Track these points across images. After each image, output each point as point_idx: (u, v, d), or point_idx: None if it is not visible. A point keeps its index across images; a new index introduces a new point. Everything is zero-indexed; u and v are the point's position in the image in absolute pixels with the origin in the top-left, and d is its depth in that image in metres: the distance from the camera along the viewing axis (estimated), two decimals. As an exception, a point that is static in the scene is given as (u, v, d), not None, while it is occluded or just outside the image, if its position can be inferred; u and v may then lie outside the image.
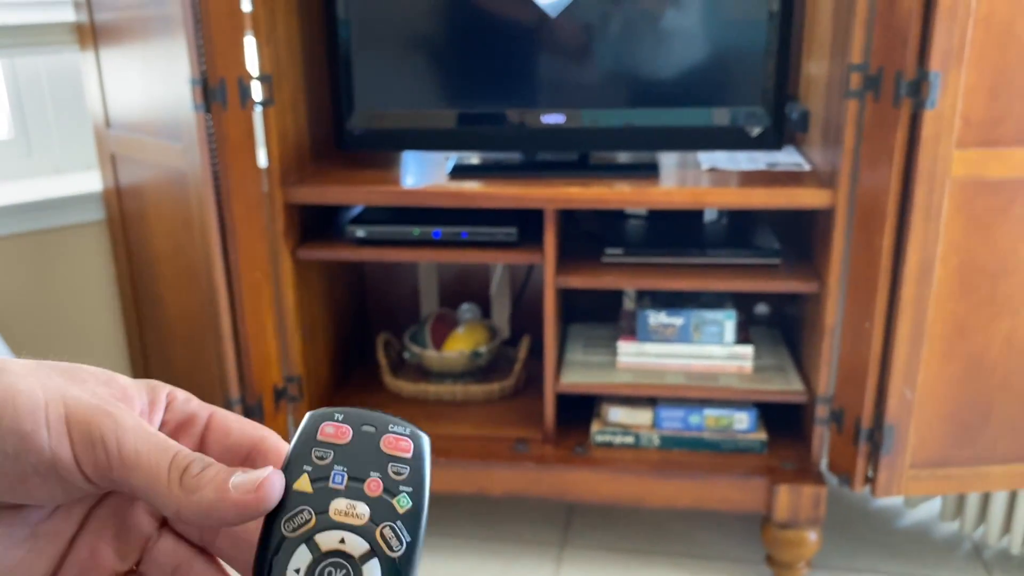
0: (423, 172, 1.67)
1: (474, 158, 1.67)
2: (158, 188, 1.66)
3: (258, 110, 1.47)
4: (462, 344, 1.79)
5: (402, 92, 1.59)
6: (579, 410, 1.70)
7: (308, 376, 1.68)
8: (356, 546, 0.32)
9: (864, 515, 1.84)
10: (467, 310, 1.89)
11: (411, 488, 0.32)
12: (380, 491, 0.32)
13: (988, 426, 1.45)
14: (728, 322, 1.62)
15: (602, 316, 1.83)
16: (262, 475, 0.32)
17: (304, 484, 0.32)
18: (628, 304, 1.76)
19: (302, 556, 0.31)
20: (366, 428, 0.33)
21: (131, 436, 0.32)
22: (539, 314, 1.60)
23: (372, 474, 0.32)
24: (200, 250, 1.57)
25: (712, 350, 1.63)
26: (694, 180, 1.56)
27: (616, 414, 1.66)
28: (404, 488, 0.32)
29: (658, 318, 1.63)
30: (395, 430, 0.33)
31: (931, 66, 1.26)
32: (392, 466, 0.33)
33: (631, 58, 1.54)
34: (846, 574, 1.67)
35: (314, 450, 0.33)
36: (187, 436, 0.35)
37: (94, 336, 1.86)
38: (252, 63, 1.45)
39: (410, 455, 0.33)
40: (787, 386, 1.60)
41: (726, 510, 1.60)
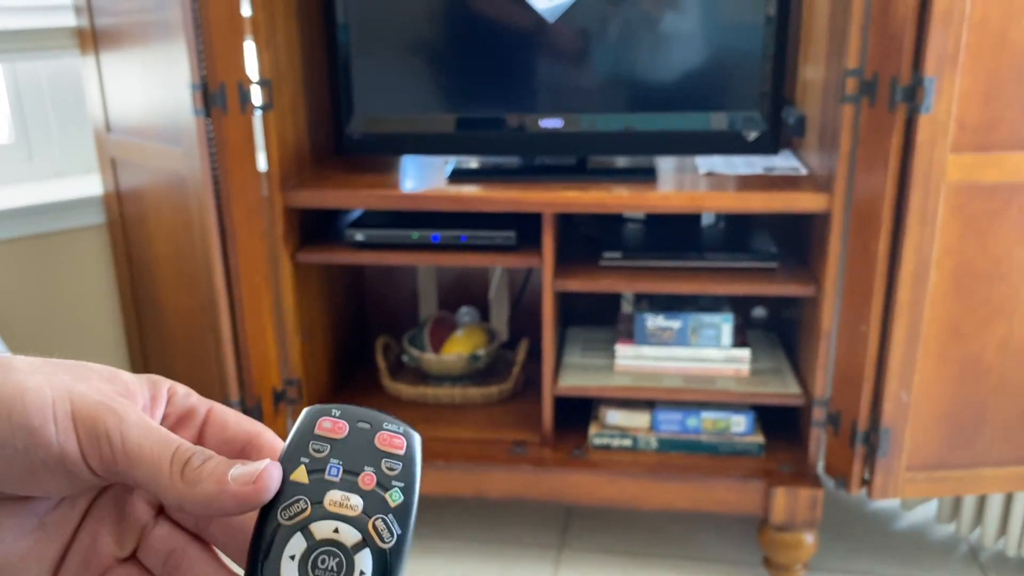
0: (422, 176, 1.67)
1: (473, 162, 1.68)
2: (158, 192, 1.67)
3: (258, 114, 1.48)
4: (461, 347, 1.80)
5: (401, 96, 1.60)
6: (577, 413, 1.71)
7: (307, 379, 1.69)
8: (349, 536, 0.33)
9: (861, 517, 1.85)
10: (466, 313, 1.90)
11: (403, 483, 0.34)
12: (373, 485, 0.33)
13: (983, 429, 1.46)
14: (725, 325, 1.63)
15: (600, 319, 1.84)
16: (260, 467, 0.33)
17: (301, 475, 0.33)
18: (626, 307, 1.77)
19: (297, 543, 0.32)
20: (361, 424, 0.35)
21: (134, 431, 0.33)
22: (537, 317, 1.61)
23: (366, 468, 0.34)
24: (200, 254, 1.58)
25: (709, 353, 1.64)
26: (691, 184, 1.57)
27: (614, 417, 1.67)
28: (396, 483, 0.34)
29: (656, 321, 1.64)
30: (389, 428, 0.35)
31: (926, 71, 1.27)
32: (385, 462, 0.34)
33: (629, 63, 1.55)
34: (843, 576, 1.68)
35: (311, 443, 0.34)
36: (186, 429, 0.37)
37: (95, 339, 1.86)
38: (252, 68, 1.46)
39: (403, 452, 0.34)
40: (784, 389, 1.61)
41: (723, 512, 1.61)
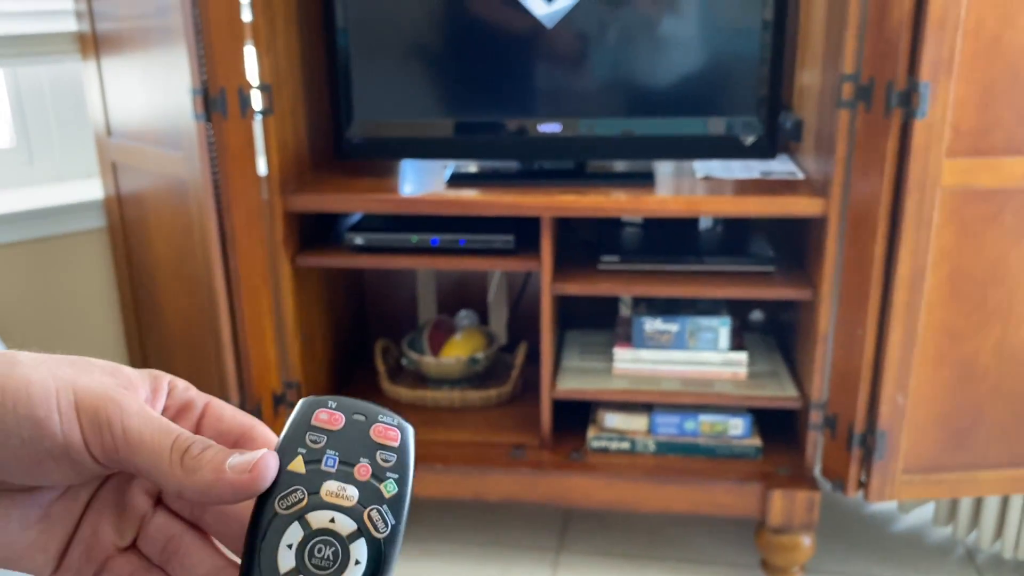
0: (421, 180, 1.68)
1: (472, 166, 1.69)
2: (159, 196, 1.68)
3: (258, 119, 1.49)
4: (460, 350, 1.81)
5: (401, 101, 1.61)
6: (575, 416, 1.72)
7: (307, 382, 1.70)
8: (345, 526, 0.33)
9: (858, 520, 1.85)
10: (465, 317, 1.90)
11: (397, 475, 0.35)
12: (369, 476, 0.34)
13: (979, 431, 1.47)
14: (723, 329, 1.64)
15: (598, 323, 1.85)
16: (256, 456, 0.33)
17: (298, 465, 0.34)
18: (624, 311, 1.78)
19: (294, 532, 0.33)
20: (357, 417, 0.35)
21: (135, 420, 0.34)
22: (536, 321, 1.62)
23: (362, 460, 0.34)
24: (200, 257, 1.58)
25: (707, 356, 1.65)
26: (689, 188, 1.58)
27: (612, 420, 1.67)
28: (391, 475, 0.34)
29: (654, 325, 1.65)
30: (384, 420, 0.35)
31: (921, 77, 1.28)
32: (380, 454, 0.35)
33: (627, 68, 1.56)
34: (840, 579, 1.68)
35: (308, 434, 0.35)
36: (184, 421, 0.38)
37: (95, 342, 1.87)
38: (252, 73, 1.47)
39: (397, 444, 0.35)
40: (781, 392, 1.62)
41: (721, 515, 1.62)
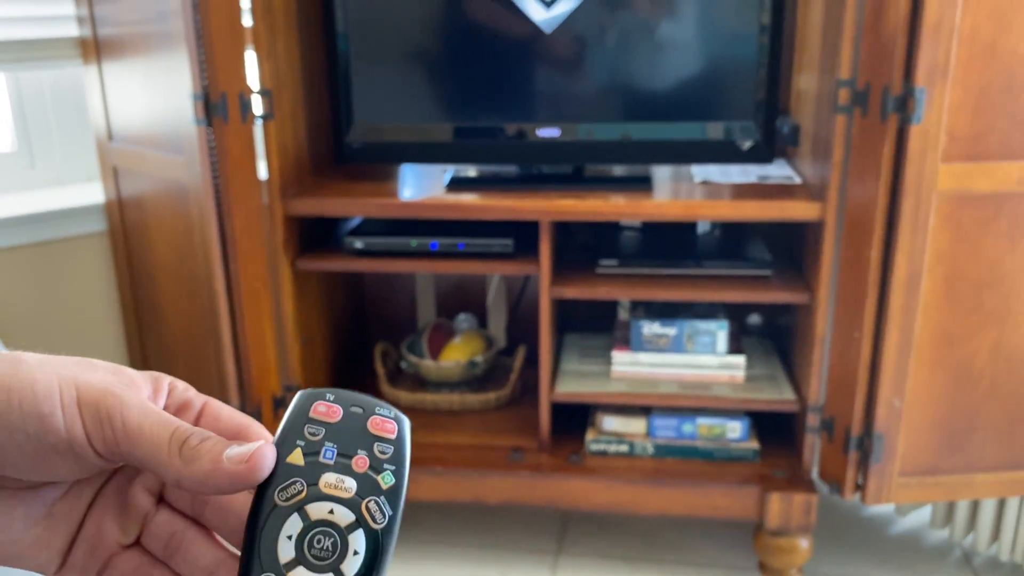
0: (421, 184, 1.69)
1: (471, 171, 1.70)
2: (159, 200, 1.69)
3: (258, 124, 1.50)
4: (459, 354, 1.82)
5: (400, 106, 1.62)
6: (574, 419, 1.73)
7: (307, 385, 1.70)
8: (343, 517, 0.34)
9: (856, 523, 1.86)
10: (464, 320, 1.91)
11: (394, 466, 0.35)
12: (366, 468, 0.35)
13: (976, 434, 1.48)
14: (720, 332, 1.65)
15: (597, 326, 1.86)
16: (253, 447, 0.34)
17: (297, 457, 0.35)
18: (622, 314, 1.79)
19: (294, 524, 0.34)
20: (355, 409, 0.36)
21: (134, 413, 0.35)
22: (535, 324, 1.63)
23: (359, 452, 0.35)
24: (201, 261, 1.59)
25: (705, 360, 1.66)
26: (687, 193, 1.59)
27: (610, 423, 1.68)
28: (388, 466, 0.35)
29: (652, 328, 1.66)
30: (381, 412, 0.36)
31: (917, 82, 1.29)
32: (378, 445, 0.35)
33: (625, 73, 1.57)
34: (838, 581, 1.69)
35: (307, 426, 0.35)
36: (183, 419, 0.38)
37: (96, 345, 1.88)
38: (253, 78, 1.48)
39: (394, 436, 0.36)
40: (779, 395, 1.62)
41: (719, 518, 1.62)
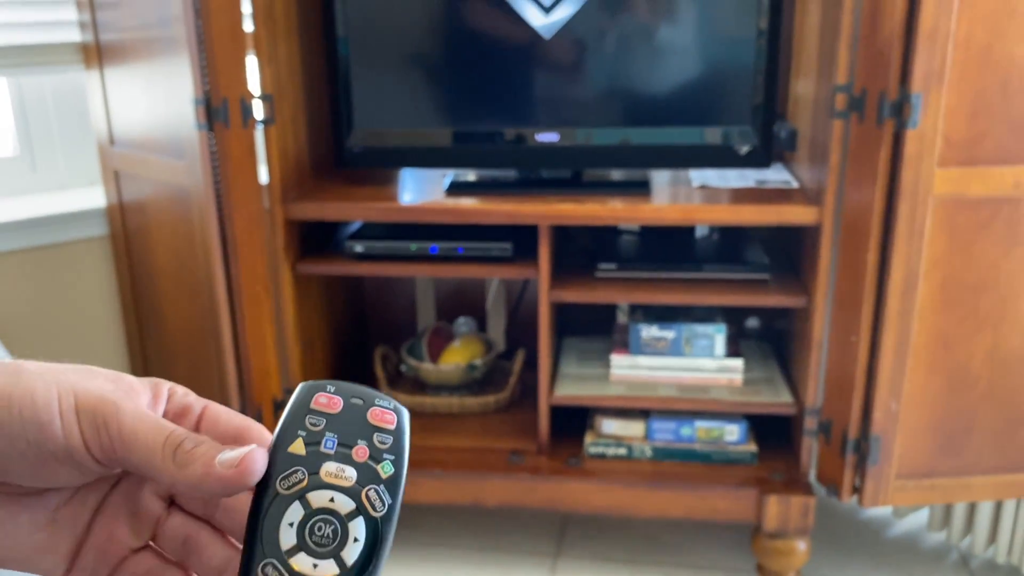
0: (420, 189, 1.70)
1: (470, 175, 1.71)
2: (161, 204, 1.70)
3: (259, 128, 1.51)
4: (458, 357, 1.82)
5: (400, 111, 1.63)
6: (573, 422, 1.73)
7: (307, 388, 1.71)
8: (344, 505, 0.35)
9: (854, 525, 1.87)
10: (463, 324, 1.92)
11: (393, 456, 0.36)
12: (366, 457, 0.36)
13: (972, 437, 1.49)
14: (719, 336, 1.66)
15: (596, 330, 1.87)
16: (244, 452, 0.35)
17: (298, 447, 0.36)
18: (621, 318, 1.79)
19: (295, 511, 0.35)
20: (355, 400, 0.37)
21: (130, 419, 0.36)
22: (534, 328, 1.63)
23: (359, 442, 0.36)
24: (201, 265, 1.60)
25: (703, 363, 1.67)
26: (685, 197, 1.60)
27: (609, 426, 1.69)
28: (387, 456, 0.36)
29: (650, 331, 1.67)
30: (380, 404, 0.37)
31: (913, 87, 1.30)
32: (377, 436, 0.36)
33: (624, 78, 1.58)
34: (835, 583, 1.70)
35: (308, 417, 0.36)
36: (183, 424, 0.39)
37: (97, 349, 1.89)
38: (254, 83, 1.49)
39: (393, 427, 0.37)
40: (776, 398, 1.63)
41: (717, 520, 1.63)
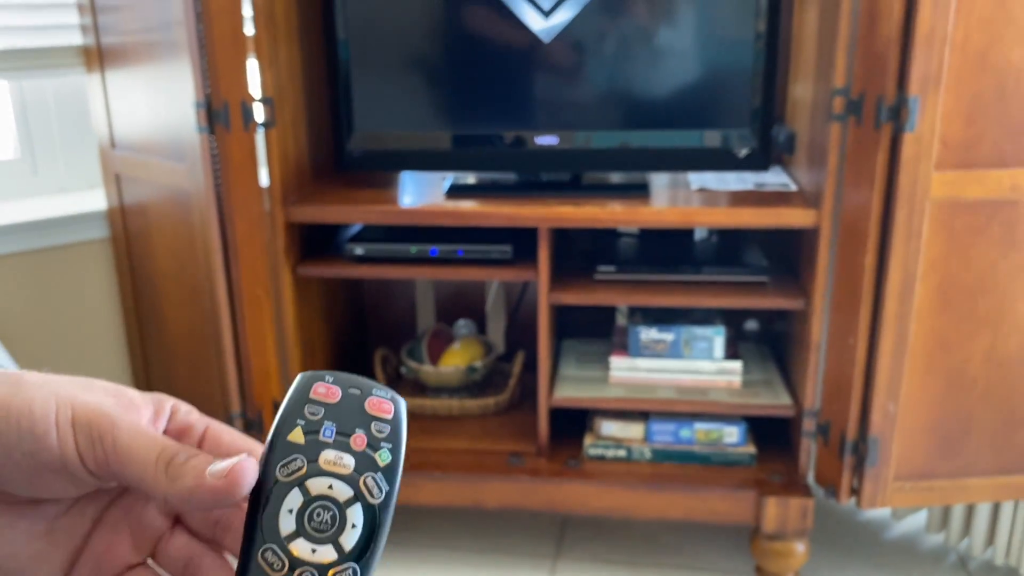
0: (420, 192, 1.71)
1: (470, 178, 1.71)
2: (161, 207, 1.70)
3: (260, 132, 1.52)
4: (458, 359, 1.83)
5: (400, 114, 1.63)
6: (572, 424, 1.74)
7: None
8: (342, 492, 0.36)
9: (852, 527, 1.87)
10: (463, 326, 1.93)
11: (391, 445, 0.37)
12: (364, 446, 0.36)
13: (970, 439, 1.49)
14: (717, 338, 1.66)
15: (595, 332, 1.87)
16: (234, 462, 0.35)
17: (297, 436, 0.36)
18: (620, 320, 1.80)
19: (295, 498, 0.35)
20: (353, 390, 0.38)
21: (125, 434, 0.36)
22: (533, 330, 1.64)
23: (357, 431, 0.37)
24: (202, 267, 1.61)
25: (702, 365, 1.67)
26: (684, 200, 1.60)
27: (609, 428, 1.70)
28: (385, 444, 0.37)
29: (649, 334, 1.67)
30: (378, 393, 0.38)
31: (910, 91, 1.31)
32: (375, 425, 0.37)
33: (622, 81, 1.58)
34: (834, 585, 1.70)
35: (307, 406, 0.37)
36: (185, 443, 0.39)
37: (97, 351, 1.89)
38: (255, 86, 1.50)
39: (391, 416, 0.37)
40: (775, 400, 1.64)
41: (716, 522, 1.64)
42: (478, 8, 1.57)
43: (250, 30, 1.48)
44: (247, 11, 1.46)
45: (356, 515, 0.36)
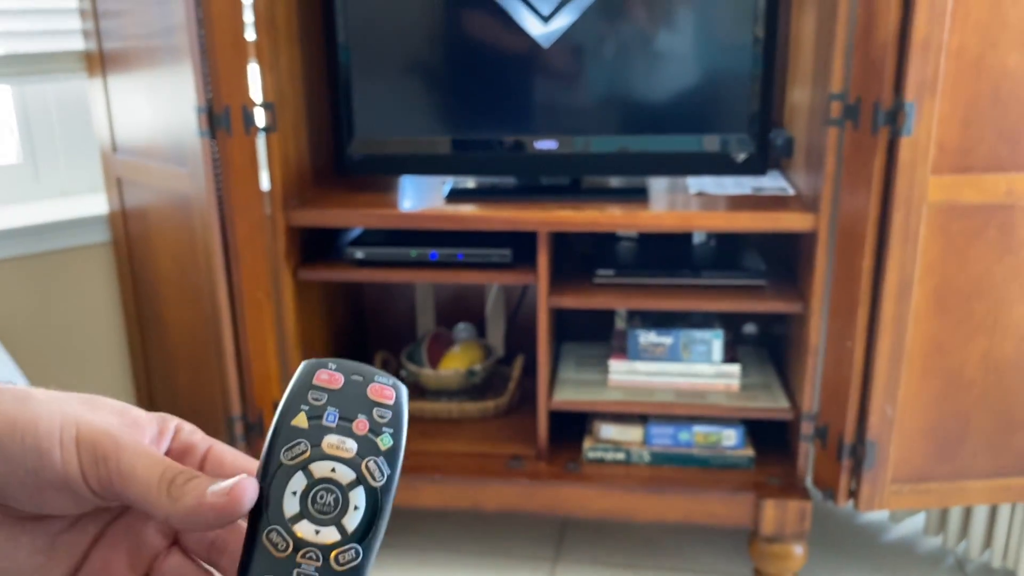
0: (420, 196, 1.72)
1: (470, 182, 1.72)
2: (163, 211, 1.71)
3: (261, 136, 1.52)
4: (458, 362, 1.84)
5: (400, 119, 1.64)
6: (571, 427, 1.75)
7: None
8: (345, 475, 0.37)
9: (850, 530, 1.88)
10: (463, 329, 1.93)
11: (392, 430, 0.38)
12: (366, 430, 0.37)
13: (966, 442, 1.50)
14: (716, 341, 1.67)
15: (594, 335, 1.88)
16: (234, 481, 0.36)
17: (301, 420, 0.37)
18: (619, 323, 1.81)
19: (299, 481, 0.36)
20: (355, 377, 0.39)
21: (128, 455, 0.36)
22: (533, 333, 1.65)
23: (359, 416, 0.37)
24: (203, 271, 1.61)
25: (701, 368, 1.68)
26: (683, 204, 1.61)
27: (608, 431, 1.70)
28: (386, 429, 0.37)
29: (648, 337, 1.68)
30: (380, 380, 0.39)
31: (907, 96, 1.32)
32: (376, 410, 0.38)
33: (621, 86, 1.59)
34: (832, 587, 1.71)
35: (310, 392, 0.38)
36: (187, 462, 0.40)
37: (99, 355, 1.90)
38: (256, 91, 1.51)
39: (392, 402, 0.38)
40: (773, 403, 1.65)
41: (715, 524, 1.64)
42: (478, 13, 1.58)
43: (251, 35, 1.49)
44: (248, 16, 1.47)
45: (358, 497, 0.36)
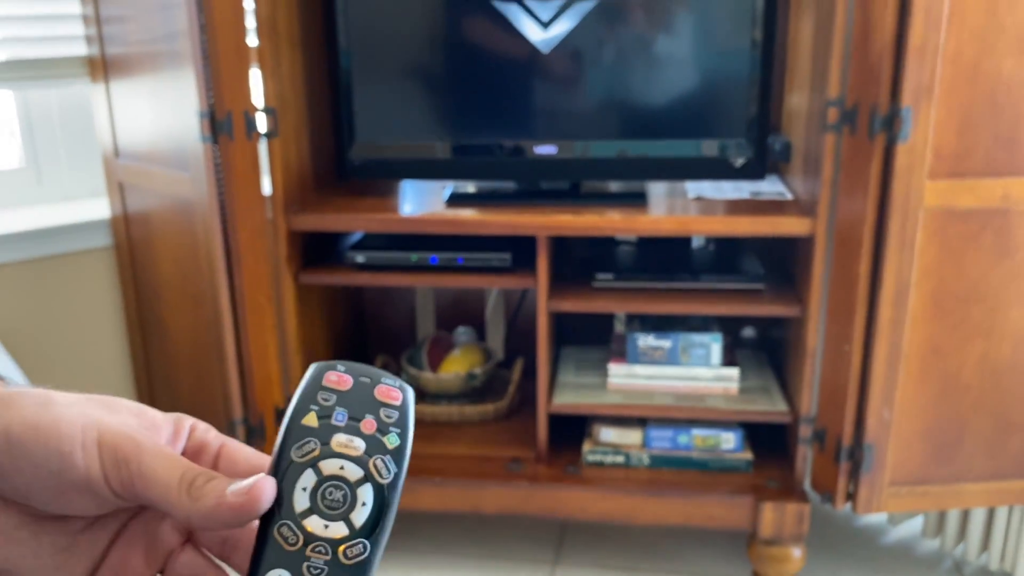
0: (421, 200, 1.73)
1: (470, 187, 1.73)
2: (165, 216, 1.72)
3: (263, 141, 1.54)
4: (458, 366, 1.84)
5: (401, 124, 1.65)
6: (571, 430, 1.75)
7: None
8: (353, 472, 0.38)
9: (848, 532, 1.89)
10: (463, 333, 1.94)
11: (399, 429, 0.39)
12: (374, 430, 0.38)
13: (964, 444, 1.51)
14: (715, 345, 1.68)
15: (593, 339, 1.89)
16: (253, 481, 0.37)
17: (311, 420, 0.38)
18: (618, 327, 1.82)
19: (308, 478, 0.38)
20: (363, 379, 0.40)
21: (148, 457, 0.37)
22: (533, 337, 1.66)
23: (367, 416, 0.39)
24: (205, 275, 1.62)
25: (699, 372, 1.69)
26: (681, 208, 1.62)
27: (607, 434, 1.71)
28: (393, 429, 0.39)
29: (647, 341, 1.69)
30: (387, 382, 0.40)
31: (903, 102, 1.33)
32: (384, 411, 0.39)
33: (620, 91, 1.60)
34: (831, 590, 1.72)
35: (320, 393, 0.39)
36: (201, 461, 0.41)
37: (100, 358, 1.91)
38: (258, 96, 1.52)
39: (399, 403, 0.39)
40: (772, 407, 1.66)
41: (713, 527, 1.65)
42: (478, 19, 1.59)
43: (253, 41, 1.50)
44: (250, 22, 1.49)
45: (366, 494, 0.38)
